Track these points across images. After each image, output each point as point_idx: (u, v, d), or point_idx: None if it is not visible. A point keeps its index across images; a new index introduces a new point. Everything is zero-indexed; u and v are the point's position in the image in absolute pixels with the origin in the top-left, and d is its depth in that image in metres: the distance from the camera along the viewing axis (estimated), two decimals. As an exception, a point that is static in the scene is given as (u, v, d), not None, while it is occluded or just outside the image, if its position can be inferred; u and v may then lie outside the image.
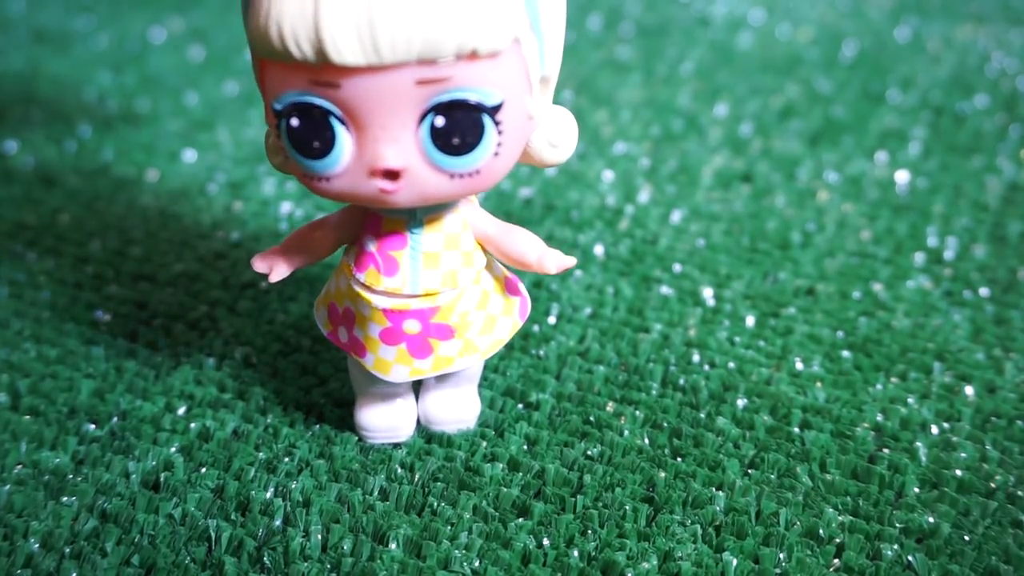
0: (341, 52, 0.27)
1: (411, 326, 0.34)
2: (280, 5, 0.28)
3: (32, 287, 0.49)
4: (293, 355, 0.44)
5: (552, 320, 0.46)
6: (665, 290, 0.48)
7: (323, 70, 0.28)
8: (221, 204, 0.56)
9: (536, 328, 0.45)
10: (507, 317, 0.37)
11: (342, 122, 0.29)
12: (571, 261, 0.36)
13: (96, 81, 0.72)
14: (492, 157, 0.30)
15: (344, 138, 0.30)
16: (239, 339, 0.45)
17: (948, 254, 0.51)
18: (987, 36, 0.81)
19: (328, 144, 0.30)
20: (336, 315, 0.36)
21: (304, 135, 0.30)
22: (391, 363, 0.35)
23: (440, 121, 0.29)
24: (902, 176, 0.59)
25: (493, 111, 0.30)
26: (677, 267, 0.50)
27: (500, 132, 0.30)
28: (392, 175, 0.30)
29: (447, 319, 0.35)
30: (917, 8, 0.87)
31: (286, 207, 0.56)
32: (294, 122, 0.30)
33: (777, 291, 0.48)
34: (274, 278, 0.36)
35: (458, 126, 0.29)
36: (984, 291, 0.48)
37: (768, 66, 0.75)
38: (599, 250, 0.52)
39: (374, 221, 0.34)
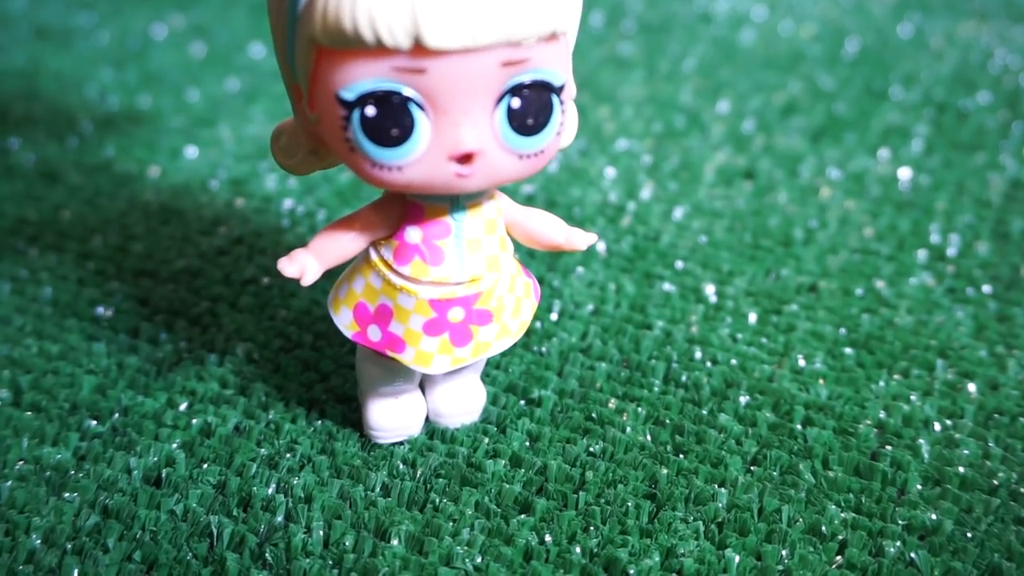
0: (438, 36, 0.28)
1: (455, 314, 0.34)
2: None
3: (34, 283, 0.49)
4: (295, 351, 0.44)
5: (554, 317, 0.46)
6: (667, 287, 0.48)
7: (412, 56, 0.28)
8: (223, 200, 0.56)
9: (538, 324, 0.45)
10: (528, 299, 0.37)
11: (421, 108, 0.29)
12: (593, 237, 0.37)
13: (97, 78, 0.72)
14: (555, 137, 0.32)
15: (423, 124, 0.30)
16: (241, 335, 0.45)
17: (951, 251, 0.51)
18: (990, 33, 0.80)
19: (408, 131, 0.30)
20: (366, 315, 0.35)
21: (381, 123, 0.29)
22: (432, 355, 0.35)
23: (516, 102, 0.30)
24: (905, 173, 0.59)
25: (559, 91, 0.31)
26: (679, 264, 0.50)
27: (563, 112, 0.31)
28: (468, 158, 0.30)
29: (487, 304, 0.35)
30: (920, 5, 0.87)
31: (288, 203, 0.56)
32: (370, 111, 0.29)
33: (779, 288, 0.48)
34: (307, 280, 0.34)
35: (532, 106, 0.30)
36: (987, 288, 0.48)
37: (770, 63, 0.75)
38: (601, 247, 0.52)
39: (415, 211, 0.34)
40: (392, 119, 0.29)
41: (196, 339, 0.45)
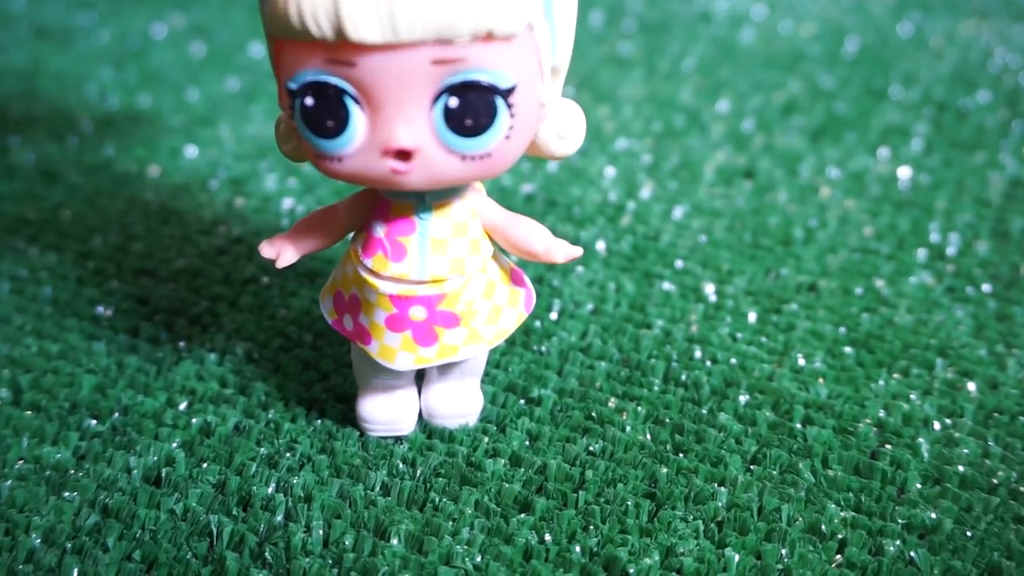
0: (358, 28, 0.28)
1: (417, 313, 0.34)
2: None
3: (34, 283, 0.49)
4: (295, 350, 0.44)
5: (554, 316, 0.46)
6: (667, 286, 0.48)
7: (340, 48, 0.29)
8: (222, 200, 0.56)
9: (538, 324, 0.45)
10: (512, 308, 0.37)
11: (356, 101, 0.30)
12: (578, 251, 0.36)
13: (97, 77, 0.72)
14: (504, 140, 0.31)
15: (358, 117, 0.30)
16: (240, 335, 0.45)
17: (950, 250, 0.51)
18: (990, 32, 0.80)
19: (342, 123, 0.30)
20: (342, 302, 0.36)
21: (318, 114, 0.30)
22: (396, 350, 0.35)
23: (454, 102, 0.29)
24: (904, 172, 0.59)
25: (506, 94, 0.30)
26: (679, 263, 0.50)
27: (512, 115, 0.30)
28: (404, 155, 0.30)
29: (453, 307, 0.35)
30: (919, 4, 0.87)
31: (288, 203, 0.56)
32: (308, 101, 0.30)
33: (779, 287, 0.48)
34: (281, 263, 0.36)
35: (471, 107, 0.30)
36: (986, 287, 0.48)
37: (770, 62, 0.75)
38: (601, 246, 0.52)
39: (383, 206, 0.34)
40: (327, 110, 0.30)
41: (196, 338, 0.45)
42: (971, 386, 0.42)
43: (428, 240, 0.34)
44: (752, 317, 0.46)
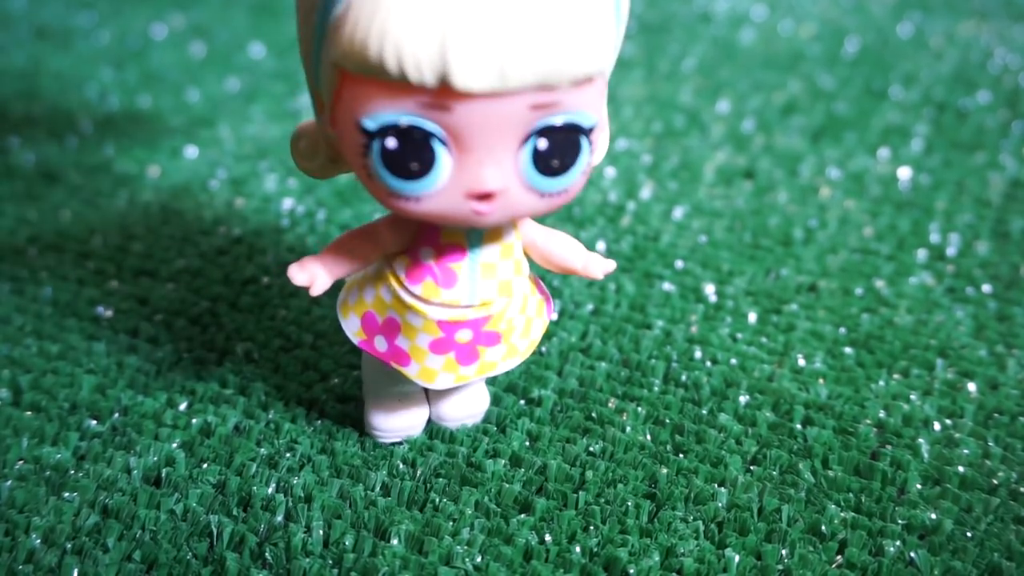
0: (467, 79, 0.27)
1: (463, 336, 0.34)
2: (395, 24, 0.27)
3: (34, 283, 0.49)
4: (295, 351, 0.44)
5: (554, 316, 0.46)
6: (667, 286, 0.48)
7: (439, 94, 0.27)
8: (222, 200, 0.56)
9: (538, 324, 0.45)
10: (540, 318, 0.37)
11: (444, 144, 0.29)
12: (613, 264, 0.36)
13: (97, 78, 0.72)
14: (581, 176, 0.31)
15: (444, 160, 0.29)
16: (240, 335, 0.45)
17: (950, 250, 0.51)
18: (990, 32, 0.80)
19: (427, 166, 0.29)
20: (374, 325, 0.35)
21: (401, 157, 0.29)
22: (437, 371, 0.35)
23: (543, 144, 0.29)
24: (904, 172, 0.59)
25: (589, 132, 0.30)
26: (679, 263, 0.50)
27: (592, 152, 0.30)
28: (487, 196, 0.30)
29: (497, 327, 0.34)
30: (919, 4, 0.87)
31: (287, 203, 0.56)
32: (391, 143, 0.29)
33: (779, 287, 0.48)
34: (316, 291, 0.34)
35: (560, 148, 0.29)
36: (986, 287, 0.48)
37: (770, 62, 0.75)
38: (601, 246, 0.52)
39: (431, 233, 0.33)
40: (413, 153, 0.29)
41: (196, 339, 0.45)
42: (971, 387, 0.42)
43: (479, 265, 0.33)
44: (752, 317, 0.46)
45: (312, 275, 0.34)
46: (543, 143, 0.29)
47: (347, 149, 0.30)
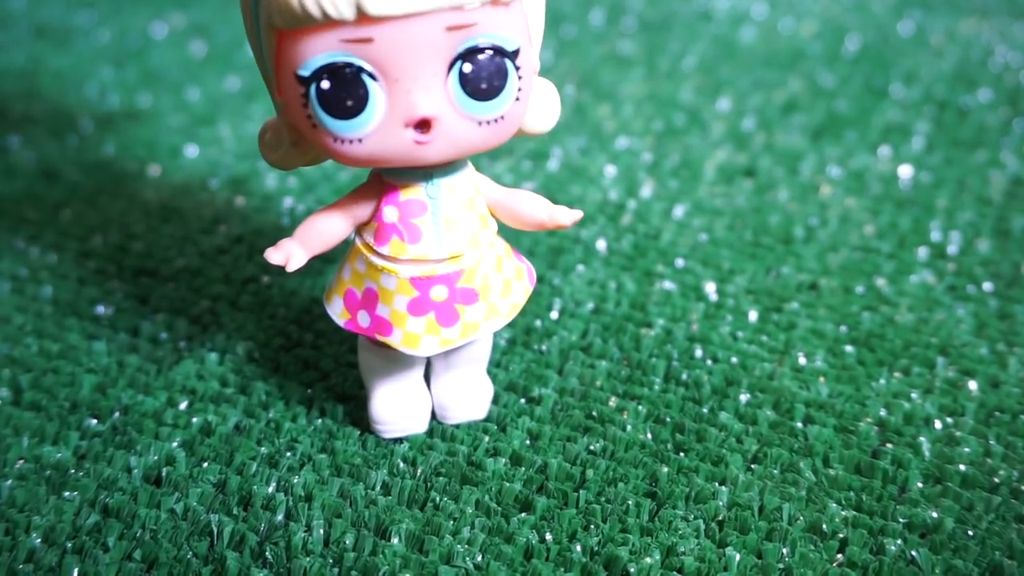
0: (379, 4, 0.28)
1: (439, 292, 0.35)
2: None
3: (34, 282, 0.49)
4: (295, 350, 0.44)
5: (554, 315, 0.46)
6: (668, 285, 0.48)
7: (357, 26, 0.29)
8: (223, 199, 0.56)
9: (538, 323, 0.45)
10: (520, 282, 0.37)
11: (373, 78, 0.30)
12: (579, 214, 0.36)
13: (97, 76, 0.72)
14: (514, 103, 0.32)
15: (377, 93, 0.30)
16: (241, 334, 0.45)
17: (952, 249, 0.51)
18: (991, 30, 0.80)
19: (362, 101, 0.30)
20: (355, 300, 0.36)
21: (336, 95, 0.30)
22: (420, 336, 0.35)
23: (468, 68, 0.31)
24: (905, 171, 0.59)
25: (513, 56, 0.31)
26: (680, 262, 0.50)
27: (520, 77, 0.32)
28: (425, 125, 0.31)
29: (471, 283, 0.35)
30: (920, 2, 0.87)
31: (288, 202, 0.56)
32: (324, 84, 0.30)
33: (780, 286, 0.48)
34: (292, 267, 0.35)
35: (485, 71, 0.31)
36: (988, 286, 0.48)
37: (771, 60, 0.75)
38: (601, 245, 0.52)
39: (391, 192, 0.34)
40: (346, 90, 0.30)
41: (196, 338, 0.45)
42: (972, 385, 0.42)
43: (441, 219, 0.34)
44: (753, 316, 0.46)
45: (287, 252, 0.35)
46: (468, 66, 0.31)
47: (292, 109, 0.32)
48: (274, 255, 0.35)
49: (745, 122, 0.65)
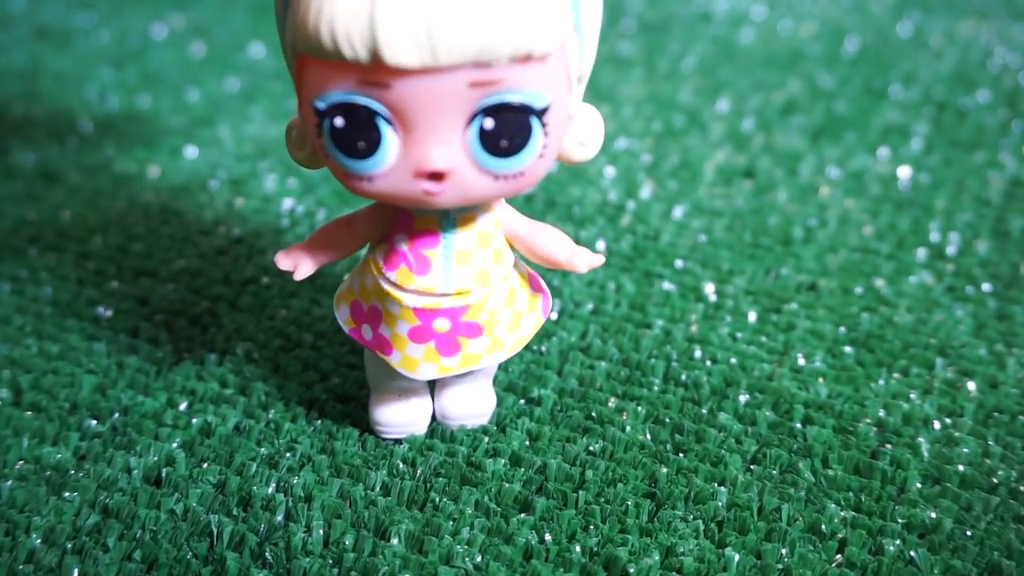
0: (396, 54, 0.27)
1: (441, 324, 0.34)
2: (332, 3, 0.27)
3: (34, 283, 0.49)
4: (295, 351, 0.44)
5: (554, 316, 0.46)
6: (667, 286, 0.48)
7: (374, 71, 0.28)
8: (222, 200, 0.56)
9: (538, 324, 0.45)
10: (531, 314, 0.37)
11: (389, 123, 0.29)
12: (600, 259, 0.36)
13: (97, 78, 0.72)
14: (537, 159, 0.30)
15: (390, 139, 0.29)
16: (241, 335, 0.45)
17: (950, 249, 0.51)
18: (989, 31, 0.80)
19: (374, 145, 0.29)
20: (360, 312, 0.36)
21: (349, 135, 0.29)
22: (418, 360, 0.35)
23: (489, 123, 0.29)
24: (904, 172, 0.59)
25: (541, 113, 0.29)
26: (679, 263, 0.50)
27: (546, 134, 0.30)
28: (438, 176, 0.30)
29: (476, 317, 0.34)
30: (919, 3, 0.87)
31: (287, 203, 0.56)
32: (338, 122, 0.29)
33: (779, 287, 0.48)
34: (299, 276, 0.35)
35: (507, 128, 0.29)
36: (986, 286, 0.48)
37: (770, 62, 0.75)
38: (601, 246, 0.52)
39: (405, 219, 0.34)
40: (359, 132, 0.29)
41: (196, 339, 0.45)
42: (971, 385, 0.42)
43: (452, 253, 0.33)
44: (752, 317, 0.46)
45: (296, 260, 0.35)
46: (489, 122, 0.29)
47: (310, 131, 0.31)
48: (283, 261, 0.35)
49: (744, 123, 0.65)
